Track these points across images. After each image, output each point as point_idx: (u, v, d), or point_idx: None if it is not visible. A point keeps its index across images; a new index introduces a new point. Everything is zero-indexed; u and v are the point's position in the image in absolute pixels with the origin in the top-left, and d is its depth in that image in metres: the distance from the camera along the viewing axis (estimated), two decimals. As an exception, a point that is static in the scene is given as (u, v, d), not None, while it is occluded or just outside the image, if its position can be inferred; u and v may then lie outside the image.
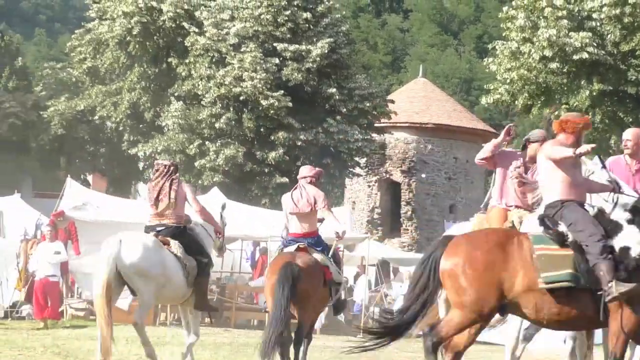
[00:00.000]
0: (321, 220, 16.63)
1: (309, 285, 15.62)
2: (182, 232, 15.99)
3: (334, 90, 49.28)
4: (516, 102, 42.74)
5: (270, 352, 14.89)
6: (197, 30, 49.89)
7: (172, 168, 16.35)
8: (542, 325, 12.54)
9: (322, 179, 17.82)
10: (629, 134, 14.75)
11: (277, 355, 15.17)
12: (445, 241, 12.11)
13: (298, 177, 16.80)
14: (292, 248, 16.17)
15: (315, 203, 16.13)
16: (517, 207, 15.14)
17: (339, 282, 16.82)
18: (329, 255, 16.47)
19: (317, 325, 28.07)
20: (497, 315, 15.50)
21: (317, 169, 17.10)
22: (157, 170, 16.44)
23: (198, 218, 16.73)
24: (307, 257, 16.04)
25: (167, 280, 15.46)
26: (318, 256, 16.16)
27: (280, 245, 17.12)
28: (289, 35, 48.98)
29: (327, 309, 28.25)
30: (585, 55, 38.76)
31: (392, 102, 56.08)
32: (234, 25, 48.99)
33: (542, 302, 11.34)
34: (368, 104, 51.31)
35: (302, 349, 16.12)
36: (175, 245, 15.67)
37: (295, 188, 16.40)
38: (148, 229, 16.00)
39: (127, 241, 15.11)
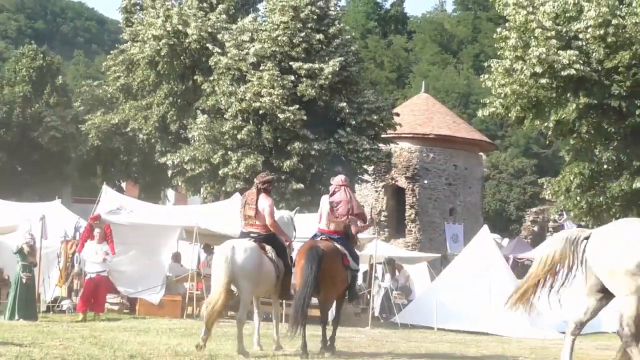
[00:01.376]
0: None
1: (331, 265, 16.89)
2: (272, 238, 17.33)
3: (344, 104, 49.34)
4: (510, 114, 42.63)
5: (299, 321, 16.26)
6: (219, 50, 50.02)
7: (265, 183, 17.79)
8: None
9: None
10: None
11: (302, 330, 16.31)
12: None
13: (336, 183, 18.26)
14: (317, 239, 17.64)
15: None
16: None
17: (356, 270, 18.03)
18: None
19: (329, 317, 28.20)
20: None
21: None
22: (256, 186, 17.74)
23: None
24: (328, 243, 17.47)
25: (264, 278, 16.99)
26: (337, 245, 17.43)
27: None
28: (303, 55, 49.05)
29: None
30: (572, 72, 38.69)
31: (397, 114, 56.10)
32: (253, 46, 49.08)
33: None
34: (375, 117, 51.35)
35: (331, 329, 17.97)
36: (270, 250, 17.19)
37: (334, 193, 17.32)
38: (244, 235, 17.51)
39: (237, 247, 16.45)
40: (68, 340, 17.32)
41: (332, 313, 28.33)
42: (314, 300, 17.52)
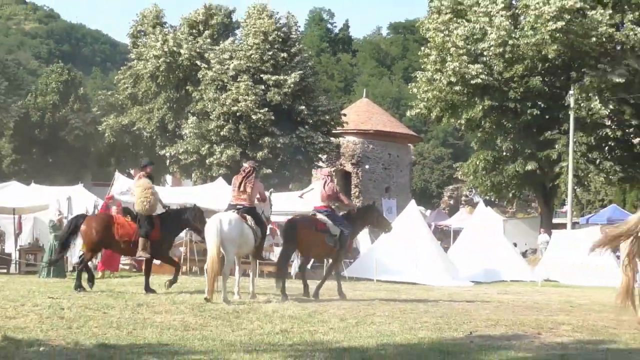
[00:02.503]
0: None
1: (303, 231, 17.84)
2: (252, 210, 17.46)
3: (303, 107, 49.44)
4: (431, 114, 42.84)
5: (279, 279, 17.85)
6: (206, 66, 49.92)
7: (251, 169, 17.97)
8: None
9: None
10: None
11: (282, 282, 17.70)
12: None
13: (321, 173, 19.54)
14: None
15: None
16: None
17: (334, 234, 18.03)
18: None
19: (292, 272, 28.24)
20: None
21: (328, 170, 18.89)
22: (243, 170, 18.08)
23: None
24: (306, 216, 18.86)
25: (244, 243, 16.99)
26: (320, 216, 18.13)
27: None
28: (271, 69, 49.04)
29: (298, 259, 28.51)
30: (479, 81, 38.89)
31: (344, 115, 56.20)
32: (232, 63, 48.98)
33: None
34: (327, 117, 51.49)
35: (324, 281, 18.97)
36: (250, 220, 17.16)
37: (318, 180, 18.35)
38: (231, 207, 17.62)
39: (223, 219, 16.59)
40: (89, 293, 17.31)
41: (294, 269, 28.51)
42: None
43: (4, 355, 9.36)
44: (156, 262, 28.02)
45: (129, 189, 29.68)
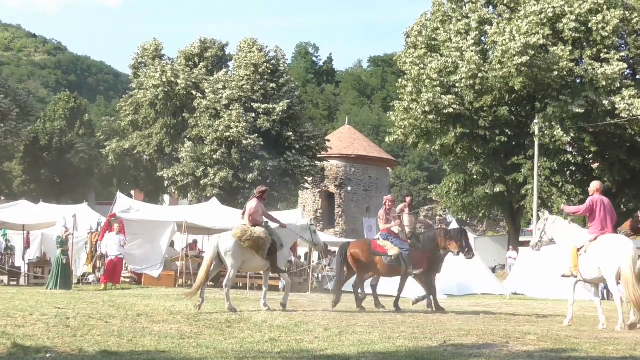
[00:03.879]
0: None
1: (354, 252, 18.70)
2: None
3: (290, 133, 49.55)
4: (408, 140, 42.93)
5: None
6: (201, 95, 49.97)
7: (260, 193, 17.72)
8: None
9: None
10: None
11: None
12: None
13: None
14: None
15: None
16: None
17: (391, 254, 18.38)
18: None
19: (281, 285, 28.20)
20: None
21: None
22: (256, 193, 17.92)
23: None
24: (361, 240, 20.77)
25: (247, 258, 16.98)
26: (380, 240, 18.73)
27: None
28: (261, 98, 49.15)
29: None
30: (451, 110, 39.04)
31: (328, 141, 56.29)
32: (225, 92, 49.03)
33: None
34: (313, 142, 51.59)
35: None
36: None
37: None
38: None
39: (222, 237, 16.99)
40: (93, 304, 17.22)
41: (282, 282, 28.43)
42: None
43: (13, 361, 9.33)
44: (153, 274, 28.17)
45: (129, 207, 29.69)
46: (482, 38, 40.50)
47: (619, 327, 14.58)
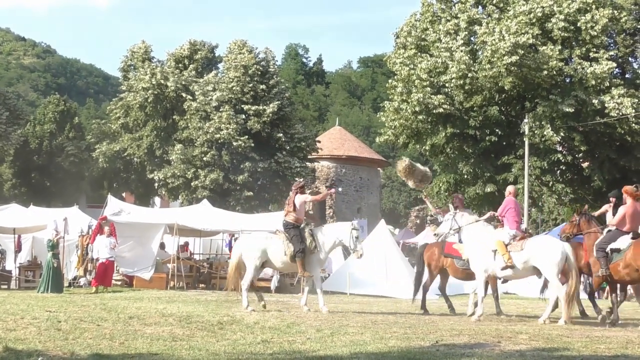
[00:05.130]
0: None
1: (428, 254, 19.21)
2: (295, 228, 17.26)
3: (281, 134, 49.60)
4: (398, 140, 42.90)
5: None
6: (191, 97, 50.01)
7: (298, 188, 17.73)
8: None
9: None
10: None
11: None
12: None
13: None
14: None
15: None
16: None
17: (464, 258, 17.72)
18: None
19: (272, 287, 28.22)
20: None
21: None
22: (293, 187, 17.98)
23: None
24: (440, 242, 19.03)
25: (268, 258, 17.44)
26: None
27: None
28: (251, 100, 49.18)
29: (277, 274, 28.42)
30: (441, 110, 39.05)
31: (319, 142, 56.42)
32: (215, 94, 49.08)
33: None
34: (303, 143, 51.67)
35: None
36: (282, 236, 17.44)
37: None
38: (284, 223, 17.71)
39: (244, 239, 18.23)
40: (85, 307, 17.19)
41: (274, 284, 28.45)
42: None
43: (5, 365, 9.31)
44: (145, 277, 28.12)
45: (120, 210, 29.63)
46: (472, 38, 40.52)
47: (562, 321, 15.41)
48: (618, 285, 16.73)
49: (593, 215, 17.12)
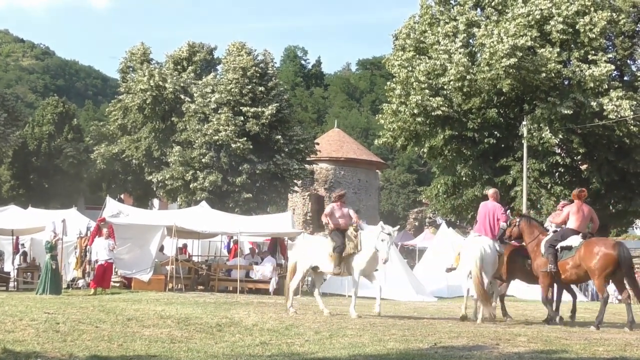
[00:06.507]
0: None
1: (507, 256, 17.44)
2: (342, 231, 17.03)
3: (279, 136, 49.59)
4: (397, 143, 42.85)
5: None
6: (189, 99, 50.06)
7: (340, 196, 17.75)
8: None
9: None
10: None
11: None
12: None
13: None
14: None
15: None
16: None
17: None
18: None
19: (270, 289, 28.20)
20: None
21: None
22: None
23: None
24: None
25: (316, 261, 17.41)
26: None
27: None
28: (250, 102, 49.19)
29: (276, 276, 28.39)
30: (439, 112, 39.03)
31: (317, 144, 56.43)
32: (213, 96, 49.14)
33: None
34: (302, 145, 51.66)
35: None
36: (327, 238, 17.52)
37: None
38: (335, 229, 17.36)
39: (299, 242, 18.14)
40: (83, 309, 17.16)
41: (272, 286, 28.42)
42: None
43: (3, 367, 9.30)
44: (143, 278, 28.09)
45: (119, 211, 29.61)
46: (470, 40, 40.52)
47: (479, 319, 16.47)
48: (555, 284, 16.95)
49: (533, 218, 17.57)
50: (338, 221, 17.26)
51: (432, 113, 39.25)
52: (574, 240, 15.83)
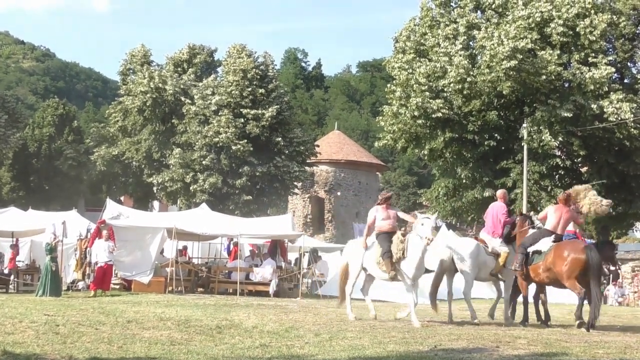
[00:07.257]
0: None
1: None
2: (390, 235, 16.51)
3: (279, 139, 49.59)
4: (397, 145, 42.83)
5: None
6: (190, 101, 50.11)
7: (387, 199, 17.31)
8: None
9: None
10: None
11: None
12: None
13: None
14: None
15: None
16: None
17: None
18: None
19: (271, 291, 28.19)
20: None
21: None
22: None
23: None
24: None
25: (366, 264, 16.88)
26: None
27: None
28: (250, 104, 49.20)
29: (276, 279, 28.38)
30: (440, 115, 39.02)
31: (318, 146, 56.40)
32: (214, 98, 49.15)
33: None
34: (302, 148, 51.67)
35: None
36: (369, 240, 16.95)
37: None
38: (383, 233, 16.84)
39: (350, 244, 18.04)
40: (83, 311, 17.15)
41: (272, 288, 28.40)
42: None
43: (3, 369, 9.30)
44: (143, 280, 28.07)
45: (119, 213, 29.61)
46: (471, 43, 40.52)
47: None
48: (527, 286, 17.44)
49: (529, 216, 17.79)
50: (381, 224, 16.71)
51: (432, 115, 39.23)
52: (543, 245, 15.94)
